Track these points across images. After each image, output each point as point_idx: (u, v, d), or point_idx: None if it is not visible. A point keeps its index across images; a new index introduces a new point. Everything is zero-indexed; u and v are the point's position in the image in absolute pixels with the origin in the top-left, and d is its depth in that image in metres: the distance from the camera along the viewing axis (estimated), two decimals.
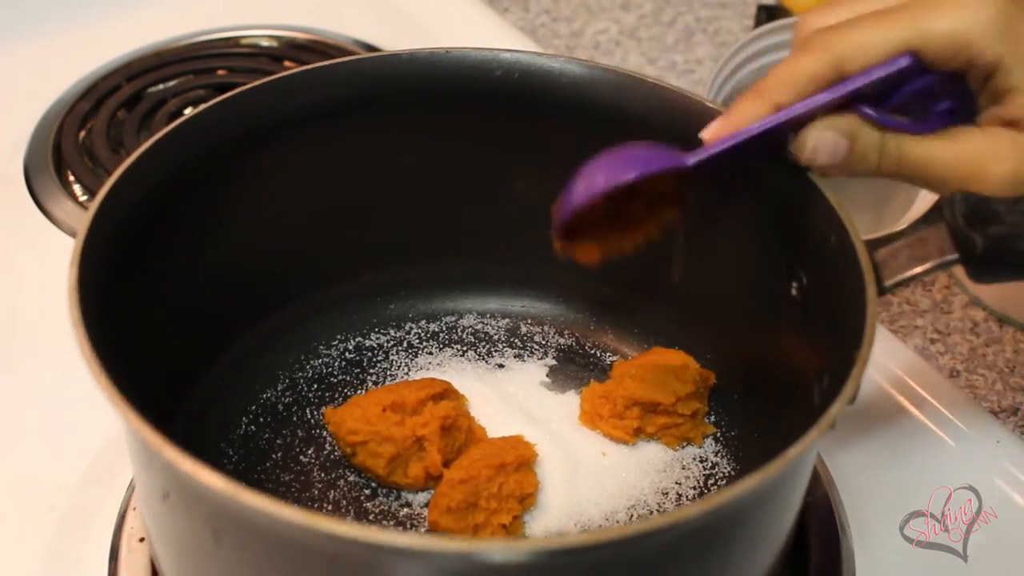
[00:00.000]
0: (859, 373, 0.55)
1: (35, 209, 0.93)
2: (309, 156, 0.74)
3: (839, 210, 0.63)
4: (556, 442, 0.72)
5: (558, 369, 0.79)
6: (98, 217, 0.61)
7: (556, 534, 0.68)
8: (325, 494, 0.70)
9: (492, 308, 0.82)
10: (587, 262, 0.67)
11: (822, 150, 0.61)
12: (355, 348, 0.80)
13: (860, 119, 0.60)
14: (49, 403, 0.78)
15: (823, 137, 0.60)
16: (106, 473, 0.73)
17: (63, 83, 1.05)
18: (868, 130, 0.60)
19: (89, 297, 0.57)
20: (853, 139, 0.60)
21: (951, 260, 0.62)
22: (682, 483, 0.72)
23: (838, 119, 0.60)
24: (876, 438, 0.78)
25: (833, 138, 0.60)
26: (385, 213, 0.78)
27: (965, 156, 0.60)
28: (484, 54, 0.74)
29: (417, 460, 0.69)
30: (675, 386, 0.72)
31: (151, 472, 0.58)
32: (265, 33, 1.11)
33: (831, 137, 0.60)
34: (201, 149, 0.69)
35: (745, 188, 0.67)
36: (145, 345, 0.64)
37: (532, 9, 1.23)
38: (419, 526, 0.69)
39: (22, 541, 0.70)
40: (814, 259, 0.65)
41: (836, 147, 0.60)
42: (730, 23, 1.22)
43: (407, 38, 1.09)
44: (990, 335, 0.89)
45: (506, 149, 0.76)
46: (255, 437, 0.74)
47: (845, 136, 0.60)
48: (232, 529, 0.54)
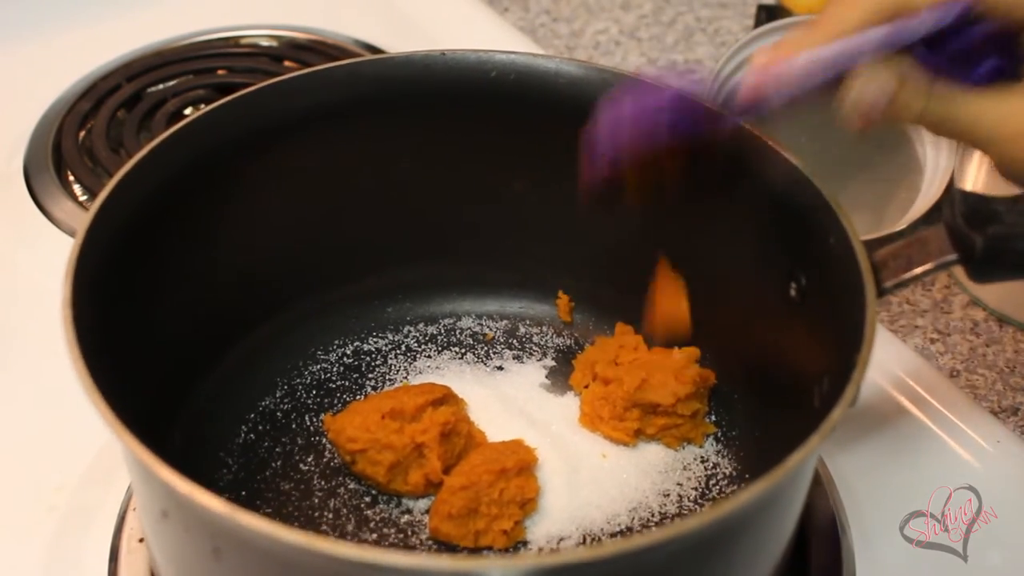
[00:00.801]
0: (859, 377, 0.55)
1: (35, 209, 0.93)
2: (305, 159, 0.74)
3: (838, 211, 0.63)
4: (556, 445, 0.72)
5: (557, 370, 0.79)
6: (94, 226, 0.61)
7: (558, 539, 0.68)
8: (325, 502, 0.70)
9: (490, 310, 0.82)
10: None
11: (870, 89, 0.58)
12: (353, 353, 0.79)
13: (911, 64, 0.58)
14: (49, 403, 0.78)
15: (874, 75, 0.58)
16: (106, 473, 0.73)
17: (63, 83, 1.05)
18: (918, 76, 0.58)
19: (84, 309, 0.57)
20: (901, 82, 0.58)
21: (951, 260, 0.61)
22: (683, 484, 0.72)
23: (889, 61, 0.58)
24: (876, 438, 0.78)
25: (884, 76, 0.58)
26: (382, 216, 0.78)
27: (1014, 116, 0.58)
28: (479, 56, 0.74)
29: (417, 467, 0.69)
30: (675, 387, 0.72)
31: (149, 491, 0.58)
32: (265, 33, 1.11)
33: (882, 75, 0.58)
34: (197, 154, 0.69)
35: (744, 188, 0.67)
36: (142, 354, 0.64)
37: (532, 9, 1.23)
38: (420, 533, 0.69)
39: (22, 541, 0.70)
40: (813, 260, 0.65)
41: (884, 87, 0.58)
42: (730, 23, 1.22)
43: (407, 38, 1.09)
44: (990, 335, 0.89)
45: (503, 151, 0.76)
46: (254, 445, 0.73)
47: (895, 77, 0.58)
48: (232, 548, 0.54)
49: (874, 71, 0.58)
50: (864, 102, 0.59)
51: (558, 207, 0.77)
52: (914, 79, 0.58)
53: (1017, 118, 0.58)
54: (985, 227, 0.59)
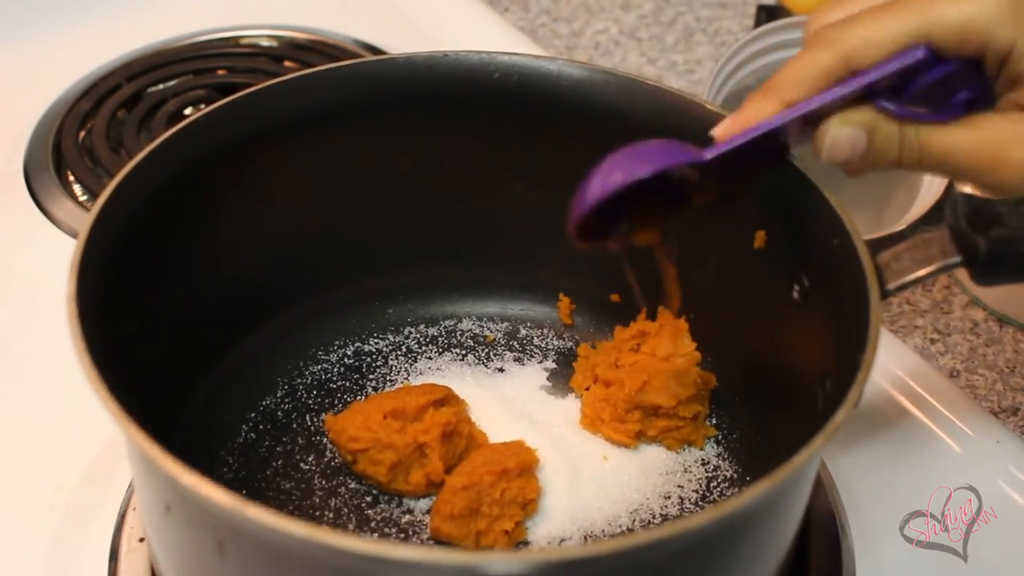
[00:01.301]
0: (863, 379, 0.55)
1: (35, 209, 0.93)
2: (307, 160, 0.74)
3: (842, 214, 0.63)
4: (557, 447, 0.72)
5: (558, 372, 0.79)
6: (97, 225, 0.61)
7: (559, 540, 0.68)
8: (326, 502, 0.70)
9: (491, 311, 0.82)
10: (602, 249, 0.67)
11: (840, 145, 0.59)
12: (354, 353, 0.79)
13: (877, 112, 0.59)
14: (49, 403, 0.78)
15: (840, 132, 0.59)
16: (106, 473, 0.73)
17: (63, 83, 1.05)
18: (886, 122, 0.59)
19: (88, 307, 0.57)
20: (872, 132, 0.59)
21: (954, 263, 0.62)
22: (684, 486, 0.72)
23: (854, 113, 0.59)
24: (876, 438, 0.78)
25: (851, 132, 0.59)
26: (383, 217, 0.78)
27: (986, 143, 0.58)
28: (482, 57, 0.74)
29: (418, 467, 0.69)
30: (676, 389, 0.72)
31: (152, 484, 0.58)
32: (265, 33, 1.11)
33: (849, 132, 0.59)
34: (199, 155, 0.68)
35: (747, 191, 0.67)
36: (144, 352, 0.64)
37: (532, 9, 1.23)
38: (421, 533, 0.69)
39: (22, 541, 0.70)
40: (816, 262, 0.65)
41: (855, 142, 0.59)
42: (730, 23, 1.22)
43: (407, 38, 1.09)
44: (990, 335, 0.89)
45: (505, 152, 0.76)
46: (255, 445, 0.73)
47: (863, 130, 0.59)
48: (236, 542, 0.54)
49: (841, 126, 0.59)
50: (838, 158, 0.59)
51: (560, 208, 0.76)
52: (883, 128, 0.59)
53: (991, 144, 0.58)
54: (988, 229, 0.59)
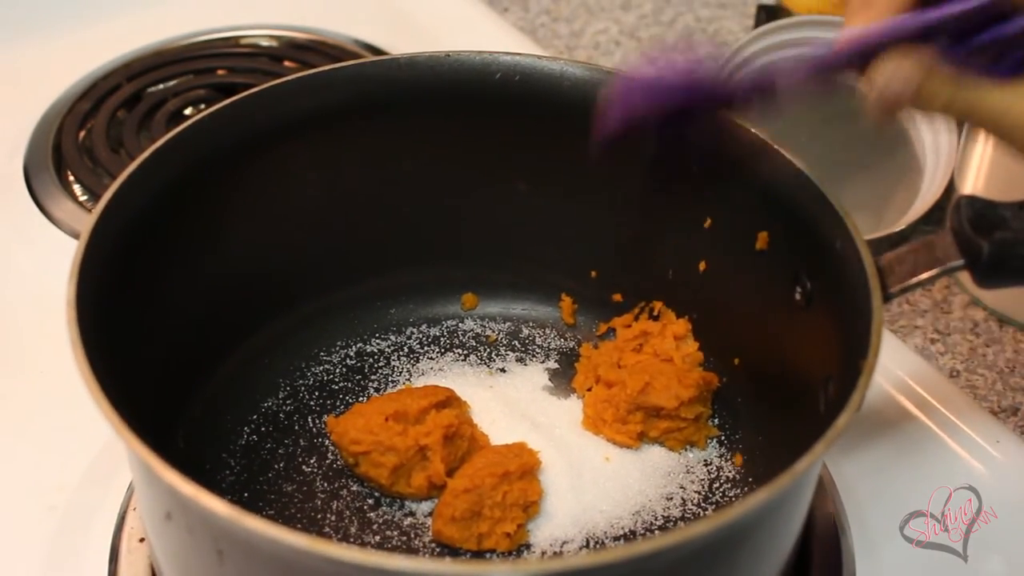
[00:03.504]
0: (866, 383, 0.55)
1: (35, 209, 0.93)
2: (309, 161, 0.74)
3: (845, 216, 0.63)
4: (559, 448, 0.72)
5: (560, 372, 0.79)
6: (98, 227, 0.61)
7: (561, 542, 0.68)
8: (328, 505, 0.70)
9: (493, 312, 0.82)
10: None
11: (896, 77, 0.58)
12: (356, 354, 0.79)
13: (938, 54, 0.58)
14: (49, 403, 0.78)
15: (900, 65, 0.58)
16: (106, 473, 0.73)
17: (63, 83, 1.04)
18: (944, 67, 0.58)
19: (88, 312, 0.57)
20: (928, 72, 0.58)
21: (957, 266, 0.62)
22: (687, 487, 0.72)
23: (915, 50, 0.58)
24: (876, 438, 0.78)
25: (909, 66, 0.58)
26: (385, 217, 0.78)
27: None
28: (484, 57, 0.74)
29: (420, 470, 0.69)
30: (678, 390, 0.72)
31: (153, 493, 0.58)
32: (265, 33, 1.11)
33: (907, 65, 0.58)
34: (200, 156, 0.69)
35: (750, 192, 0.67)
36: (145, 354, 0.64)
37: (532, 9, 1.23)
38: (423, 536, 0.69)
39: (22, 541, 0.70)
40: (819, 265, 0.65)
41: (910, 76, 0.58)
42: (730, 23, 1.22)
43: (407, 38, 1.09)
44: (990, 335, 0.89)
45: (507, 152, 0.76)
46: (257, 447, 0.73)
47: (921, 66, 0.58)
48: (236, 551, 0.54)
49: (900, 60, 0.58)
50: (891, 90, 0.58)
51: (562, 209, 0.77)
52: (940, 70, 0.58)
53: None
54: (991, 233, 0.59)
